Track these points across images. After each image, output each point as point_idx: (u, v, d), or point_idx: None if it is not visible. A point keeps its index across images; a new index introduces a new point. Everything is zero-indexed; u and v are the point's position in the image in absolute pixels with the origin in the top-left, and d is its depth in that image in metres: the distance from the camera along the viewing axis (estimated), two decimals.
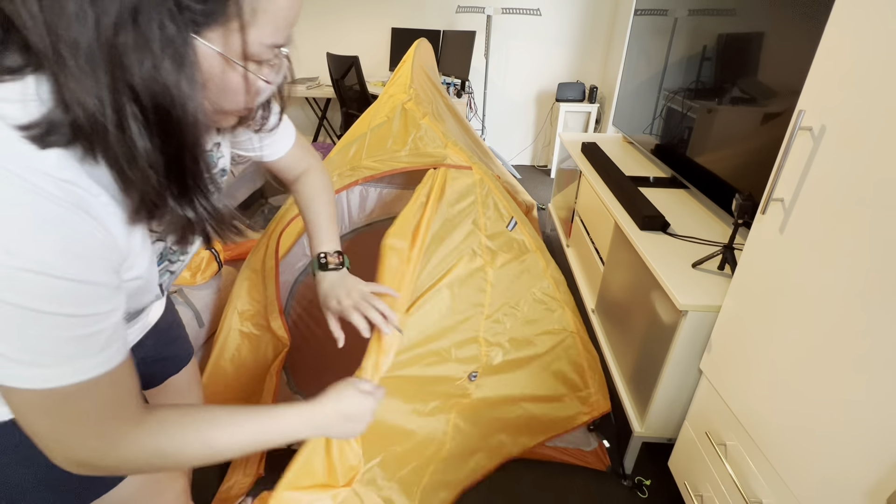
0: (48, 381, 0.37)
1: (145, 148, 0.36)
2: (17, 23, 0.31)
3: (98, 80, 0.33)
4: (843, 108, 0.72)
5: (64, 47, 0.31)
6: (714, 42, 1.45)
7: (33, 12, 0.31)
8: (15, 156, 0.32)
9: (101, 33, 0.32)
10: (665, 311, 1.21)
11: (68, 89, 0.33)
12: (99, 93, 0.33)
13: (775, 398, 0.86)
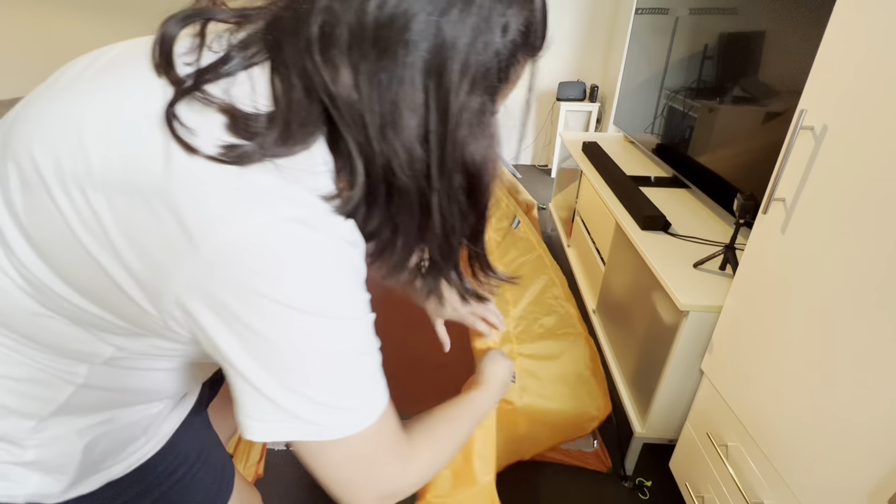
0: (364, 421, 0.39)
1: (454, 213, 0.38)
2: (341, 103, 0.32)
3: (428, 156, 0.35)
4: (844, 107, 0.71)
5: (392, 129, 0.33)
6: (715, 41, 1.44)
7: (364, 92, 0.32)
8: (337, 226, 0.35)
9: (446, 119, 0.34)
10: (666, 312, 1.20)
11: (386, 164, 0.34)
12: (425, 169, 0.35)
13: (777, 399, 0.85)
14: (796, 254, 0.81)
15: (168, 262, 0.32)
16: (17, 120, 0.38)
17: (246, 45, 0.34)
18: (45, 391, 0.42)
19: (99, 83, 0.37)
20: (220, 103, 0.33)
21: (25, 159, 0.35)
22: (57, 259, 0.36)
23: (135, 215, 0.32)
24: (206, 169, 0.31)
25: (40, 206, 0.34)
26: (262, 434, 0.37)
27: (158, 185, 0.31)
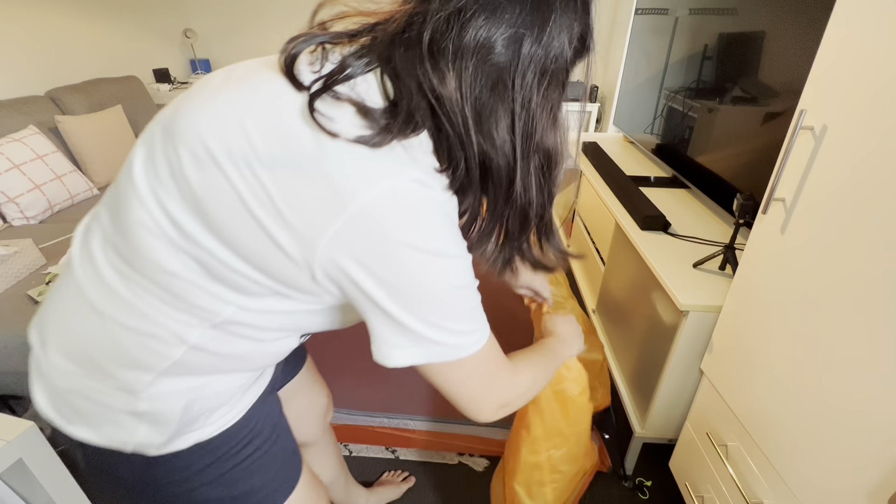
0: (479, 342, 0.49)
1: (531, 190, 0.48)
2: (446, 101, 0.42)
3: (514, 145, 0.45)
4: (844, 107, 0.71)
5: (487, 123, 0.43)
6: (715, 41, 1.44)
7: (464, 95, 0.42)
8: (444, 189, 0.45)
9: (528, 114, 0.44)
10: (666, 312, 1.20)
11: (472, 151, 0.44)
12: (508, 155, 0.45)
13: (777, 399, 0.85)
14: (796, 254, 0.81)
15: (322, 219, 0.41)
16: (177, 115, 0.47)
17: (359, 56, 0.44)
18: (163, 347, 0.49)
19: (247, 87, 0.46)
20: (348, 99, 0.42)
21: (197, 144, 0.43)
22: (221, 224, 0.43)
23: (294, 184, 0.41)
24: (348, 145, 0.41)
25: (212, 180, 0.43)
26: (402, 359, 0.47)
27: (312, 160, 0.41)
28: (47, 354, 0.52)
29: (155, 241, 0.45)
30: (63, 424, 0.54)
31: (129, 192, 0.47)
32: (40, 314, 0.54)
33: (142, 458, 0.54)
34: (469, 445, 1.37)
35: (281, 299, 0.48)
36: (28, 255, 1.55)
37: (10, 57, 2.34)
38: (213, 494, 0.59)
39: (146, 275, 0.47)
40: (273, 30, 3.67)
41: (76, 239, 0.53)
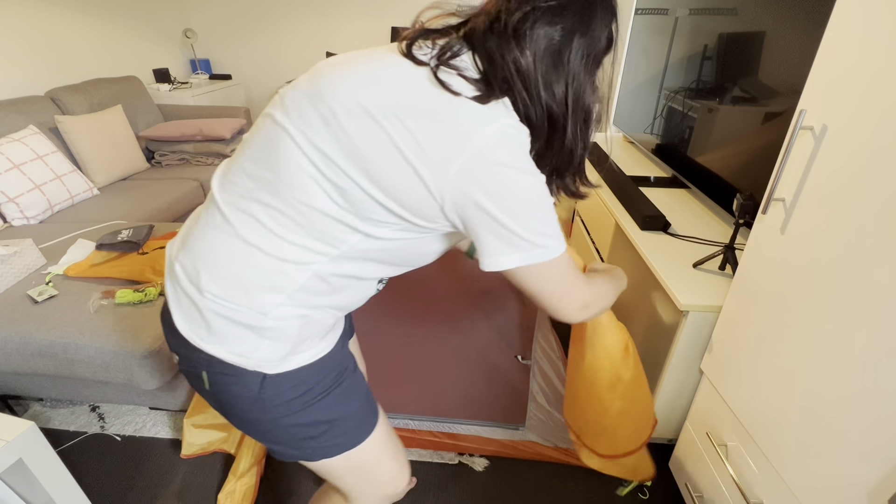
0: (562, 246, 0.63)
1: (577, 137, 0.64)
2: (523, 72, 0.58)
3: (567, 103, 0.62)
4: (844, 107, 0.71)
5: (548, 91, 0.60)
6: (715, 41, 1.44)
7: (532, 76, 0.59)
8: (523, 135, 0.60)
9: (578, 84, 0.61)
10: (666, 312, 1.20)
11: (540, 107, 0.60)
12: (564, 110, 0.62)
13: (776, 399, 0.85)
14: (796, 254, 0.81)
15: (450, 152, 0.55)
16: (322, 81, 0.61)
17: (458, 42, 0.60)
18: (294, 270, 0.62)
19: (379, 62, 0.60)
20: (458, 70, 0.58)
21: (351, 102, 0.57)
22: (371, 162, 0.56)
23: (430, 127, 0.55)
24: (465, 100, 0.56)
25: (367, 127, 0.56)
26: (508, 263, 0.61)
27: (443, 109, 0.56)
28: (198, 280, 0.64)
29: (308, 179, 0.59)
30: (198, 342, 0.66)
31: (282, 141, 0.60)
32: (187, 248, 0.66)
33: (258, 378, 0.66)
34: (469, 445, 1.37)
35: (401, 229, 0.62)
36: (28, 255, 1.55)
37: (11, 57, 2.34)
38: (311, 418, 0.71)
39: (294, 206, 0.60)
40: (273, 29, 3.67)
41: (215, 187, 0.67)
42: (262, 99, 3.96)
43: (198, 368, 0.69)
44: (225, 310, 0.63)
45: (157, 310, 1.36)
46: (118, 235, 1.63)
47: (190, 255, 0.66)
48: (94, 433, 1.47)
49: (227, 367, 0.66)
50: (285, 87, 0.66)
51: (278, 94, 0.66)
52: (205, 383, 0.69)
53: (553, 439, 1.33)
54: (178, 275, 0.66)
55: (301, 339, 0.67)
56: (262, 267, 0.62)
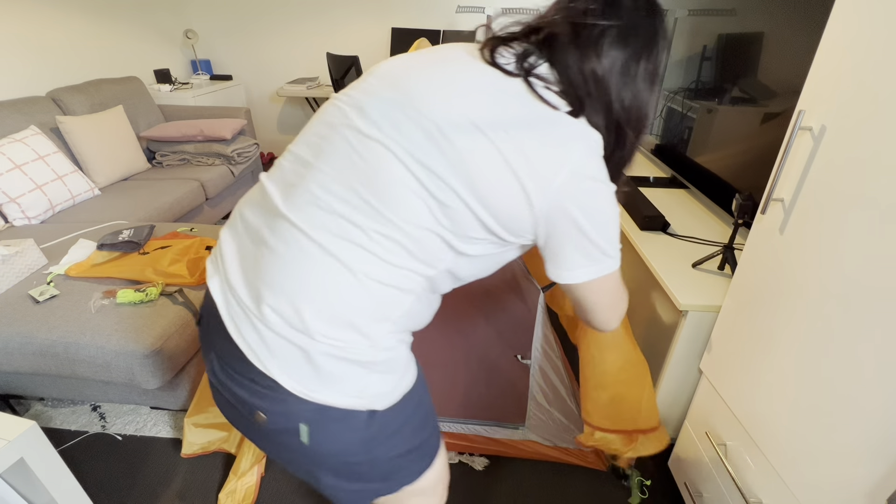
0: (613, 266, 0.64)
1: (633, 149, 0.66)
2: (602, 81, 0.59)
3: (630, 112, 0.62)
4: (843, 108, 0.71)
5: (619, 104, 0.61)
6: (714, 42, 1.45)
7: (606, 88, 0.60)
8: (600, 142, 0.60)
9: (641, 107, 0.63)
10: (665, 311, 1.21)
11: (611, 119, 0.61)
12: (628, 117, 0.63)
13: (775, 398, 0.86)
14: (795, 254, 0.81)
15: (554, 165, 0.55)
16: (413, 92, 0.58)
17: (537, 52, 0.60)
18: (401, 296, 0.60)
19: (473, 73, 0.59)
20: (545, 82, 0.58)
21: (459, 117, 0.56)
22: (478, 176, 0.55)
23: (535, 140, 0.55)
24: (562, 114, 0.57)
25: (476, 141, 0.55)
26: (582, 276, 0.63)
27: (545, 123, 0.56)
28: (303, 322, 0.57)
29: (414, 196, 0.56)
30: (307, 393, 0.59)
31: (381, 158, 0.56)
32: (271, 286, 0.57)
33: (365, 416, 0.62)
34: (469, 445, 1.37)
35: (488, 245, 0.61)
36: (29, 255, 1.55)
37: (12, 57, 2.34)
38: (407, 445, 0.69)
39: (399, 227, 0.56)
40: (273, 30, 3.67)
41: (287, 211, 0.59)
42: (263, 99, 3.96)
43: (296, 422, 0.61)
44: (339, 350, 0.58)
45: (157, 309, 1.37)
46: (119, 235, 1.64)
47: (282, 294, 0.57)
48: (96, 433, 1.47)
49: (336, 413, 0.61)
50: (353, 94, 0.62)
51: (344, 102, 0.62)
52: (303, 437, 0.62)
53: (553, 439, 1.34)
54: (270, 320, 0.57)
55: (406, 365, 0.65)
56: (374, 296, 0.58)
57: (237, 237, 0.64)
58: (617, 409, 1.10)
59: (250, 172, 3.04)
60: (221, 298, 0.62)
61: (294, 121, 4.07)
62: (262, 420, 0.62)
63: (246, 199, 0.68)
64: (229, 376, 0.63)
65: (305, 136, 0.64)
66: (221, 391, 0.66)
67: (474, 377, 1.39)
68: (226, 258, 0.63)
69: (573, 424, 1.32)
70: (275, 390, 0.59)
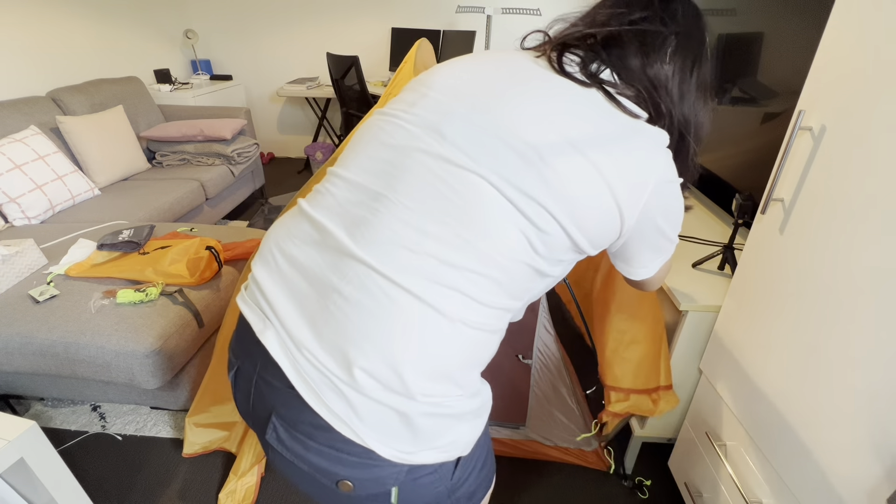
0: (672, 250, 0.68)
1: (695, 152, 0.67)
2: (663, 86, 0.60)
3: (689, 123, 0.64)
4: (843, 108, 0.72)
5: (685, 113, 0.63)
6: (714, 42, 1.45)
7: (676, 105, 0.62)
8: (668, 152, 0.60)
9: (699, 113, 0.65)
10: (665, 311, 1.21)
11: (673, 123, 0.62)
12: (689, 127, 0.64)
13: (775, 398, 0.86)
14: (795, 254, 0.81)
15: (645, 177, 0.55)
16: (498, 111, 0.54)
17: (601, 58, 0.59)
18: (493, 339, 0.57)
19: (555, 90, 0.56)
20: (616, 89, 0.57)
21: (557, 138, 0.53)
22: (575, 196, 0.52)
23: (626, 153, 0.54)
24: (644, 123, 0.57)
25: (574, 161, 0.52)
26: (651, 269, 0.68)
27: (631, 136, 0.55)
28: (402, 383, 0.50)
29: (512, 227, 0.52)
30: (404, 456, 0.53)
31: (475, 187, 0.52)
32: (360, 346, 0.50)
33: (452, 466, 0.59)
34: None
35: (570, 264, 0.60)
36: (29, 255, 1.55)
37: (12, 57, 2.34)
38: (482, 475, 0.66)
39: (495, 261, 0.52)
40: (273, 30, 3.67)
41: (368, 258, 0.51)
42: (263, 99, 3.96)
43: (387, 486, 0.56)
44: (437, 407, 0.53)
45: (157, 309, 1.37)
46: (119, 235, 1.64)
47: (376, 353, 0.50)
48: (96, 432, 1.47)
49: (428, 469, 0.57)
50: (420, 113, 0.56)
51: (410, 123, 0.56)
52: (393, 499, 0.58)
53: (553, 438, 1.34)
54: (363, 385, 0.50)
55: (490, 404, 0.62)
56: (469, 342, 0.53)
57: (284, 280, 0.55)
58: (646, 368, 1.12)
59: (250, 172, 3.04)
60: (286, 359, 0.53)
61: (294, 121, 4.07)
62: (348, 489, 0.56)
63: (285, 232, 0.59)
64: (304, 446, 0.55)
65: (362, 162, 0.57)
66: (291, 460, 0.57)
67: None
68: (277, 307, 0.54)
69: (574, 424, 1.32)
70: (366, 457, 0.53)
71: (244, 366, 0.60)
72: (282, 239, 0.58)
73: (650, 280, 0.73)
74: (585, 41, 0.60)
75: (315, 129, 3.87)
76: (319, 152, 3.64)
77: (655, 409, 1.11)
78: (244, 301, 0.59)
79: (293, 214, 0.60)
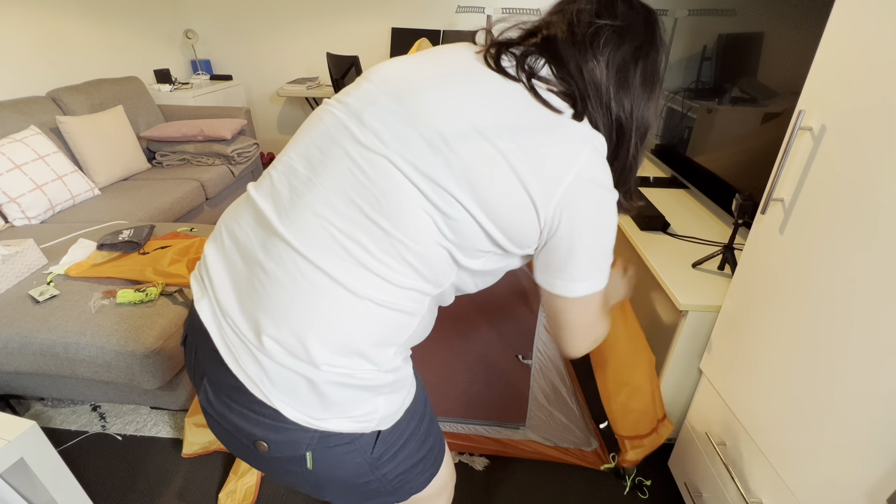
0: (603, 283, 0.62)
1: (637, 153, 0.64)
2: (597, 82, 0.58)
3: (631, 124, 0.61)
4: (843, 107, 0.72)
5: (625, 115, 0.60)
6: (714, 42, 1.45)
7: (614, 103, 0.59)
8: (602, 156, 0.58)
9: (641, 109, 0.61)
10: (665, 311, 1.21)
11: (611, 119, 0.60)
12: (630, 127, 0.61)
13: (775, 398, 0.86)
14: (795, 254, 0.81)
15: (560, 170, 0.54)
16: (415, 101, 0.55)
17: (537, 53, 0.58)
18: (408, 319, 0.59)
19: (474, 79, 0.57)
20: (548, 84, 0.57)
21: (463, 125, 0.54)
22: (484, 187, 0.53)
23: (540, 144, 0.54)
24: (565, 118, 0.56)
25: (481, 148, 0.53)
26: (580, 291, 0.60)
27: (550, 127, 0.55)
28: (307, 352, 0.54)
29: (421, 212, 0.54)
30: (312, 422, 0.57)
31: (386, 173, 0.54)
32: (273, 317, 0.54)
33: (373, 437, 0.62)
34: (469, 444, 1.37)
35: (494, 256, 0.60)
36: (29, 255, 1.55)
37: (12, 58, 2.34)
38: (416, 456, 0.68)
39: (408, 246, 0.54)
40: (273, 30, 3.67)
41: (286, 233, 0.55)
42: (263, 99, 3.96)
43: (300, 450, 0.60)
44: (345, 377, 0.56)
45: (157, 309, 1.37)
46: (119, 235, 1.64)
47: (285, 323, 0.54)
48: (96, 433, 1.47)
49: (342, 438, 0.60)
50: (350, 102, 0.58)
51: (341, 111, 0.59)
52: (308, 464, 0.61)
53: (553, 439, 1.34)
54: (271, 350, 0.54)
55: (410, 381, 0.65)
56: (381, 322, 0.56)
57: (225, 255, 0.60)
58: (651, 411, 1.12)
59: (250, 172, 3.04)
60: (214, 325, 0.59)
61: (294, 121, 4.07)
62: (263, 449, 0.60)
63: (232, 212, 0.64)
64: (226, 406, 0.60)
65: (299, 147, 0.60)
66: (218, 420, 0.63)
67: (475, 377, 1.40)
68: (214, 279, 0.60)
69: (573, 424, 1.32)
70: (278, 420, 0.57)
71: (190, 334, 0.65)
72: (229, 219, 0.63)
73: (568, 317, 0.64)
74: (527, 38, 0.60)
75: None
76: None
77: (661, 440, 1.14)
78: (194, 276, 0.66)
79: (241, 196, 0.65)
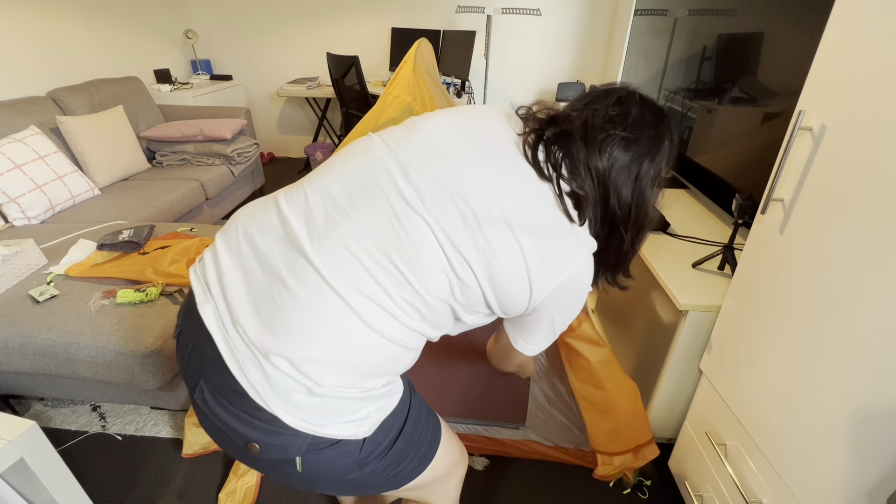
0: (545, 348, 0.77)
1: (634, 244, 0.70)
2: (603, 177, 0.63)
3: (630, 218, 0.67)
4: (843, 108, 0.72)
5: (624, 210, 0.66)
6: (714, 42, 1.45)
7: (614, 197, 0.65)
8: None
9: (642, 204, 0.67)
10: (665, 311, 1.21)
11: (606, 211, 0.65)
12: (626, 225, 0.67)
13: (775, 398, 0.86)
14: (794, 254, 0.81)
15: (557, 272, 0.62)
16: (459, 176, 0.61)
17: (555, 143, 0.64)
18: (410, 356, 0.66)
19: (512, 168, 0.63)
20: (570, 188, 0.63)
21: (495, 211, 0.60)
22: (498, 268, 0.60)
23: (551, 247, 0.62)
24: (575, 226, 0.64)
25: (504, 238, 0.60)
26: (534, 351, 0.76)
27: (561, 233, 0.62)
28: (316, 374, 0.58)
29: (442, 274, 0.60)
30: (313, 428, 0.61)
31: (421, 232, 0.59)
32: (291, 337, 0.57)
33: (359, 442, 0.65)
34: (469, 445, 1.37)
35: (484, 317, 0.69)
36: (29, 255, 1.55)
37: (12, 58, 2.34)
38: (404, 453, 0.72)
39: (423, 298, 0.60)
40: (273, 30, 3.67)
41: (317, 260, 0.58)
42: (263, 99, 3.97)
43: (290, 454, 0.63)
44: (341, 393, 0.60)
45: (157, 309, 1.37)
46: (119, 235, 1.64)
47: (301, 343, 0.57)
48: (96, 433, 1.47)
49: (330, 441, 0.63)
50: (400, 152, 0.63)
51: (390, 157, 0.62)
52: (298, 467, 0.64)
53: (553, 439, 1.34)
54: (279, 364, 0.57)
55: (401, 388, 0.71)
56: (385, 353, 0.61)
57: (242, 261, 0.61)
58: (626, 432, 1.19)
59: (250, 172, 3.04)
60: (219, 330, 0.60)
61: (294, 121, 4.07)
62: (255, 450, 0.62)
63: (252, 215, 0.65)
64: (222, 406, 0.62)
65: (340, 177, 0.63)
66: (211, 419, 0.65)
67: (475, 377, 1.40)
68: (227, 283, 0.61)
69: (573, 424, 1.32)
70: (274, 424, 0.60)
71: (185, 330, 0.67)
72: (248, 221, 0.64)
73: (516, 357, 0.82)
74: (549, 126, 0.66)
75: (315, 130, 3.87)
76: (319, 152, 3.64)
77: (638, 463, 1.22)
78: (195, 273, 0.66)
79: (265, 202, 0.66)
